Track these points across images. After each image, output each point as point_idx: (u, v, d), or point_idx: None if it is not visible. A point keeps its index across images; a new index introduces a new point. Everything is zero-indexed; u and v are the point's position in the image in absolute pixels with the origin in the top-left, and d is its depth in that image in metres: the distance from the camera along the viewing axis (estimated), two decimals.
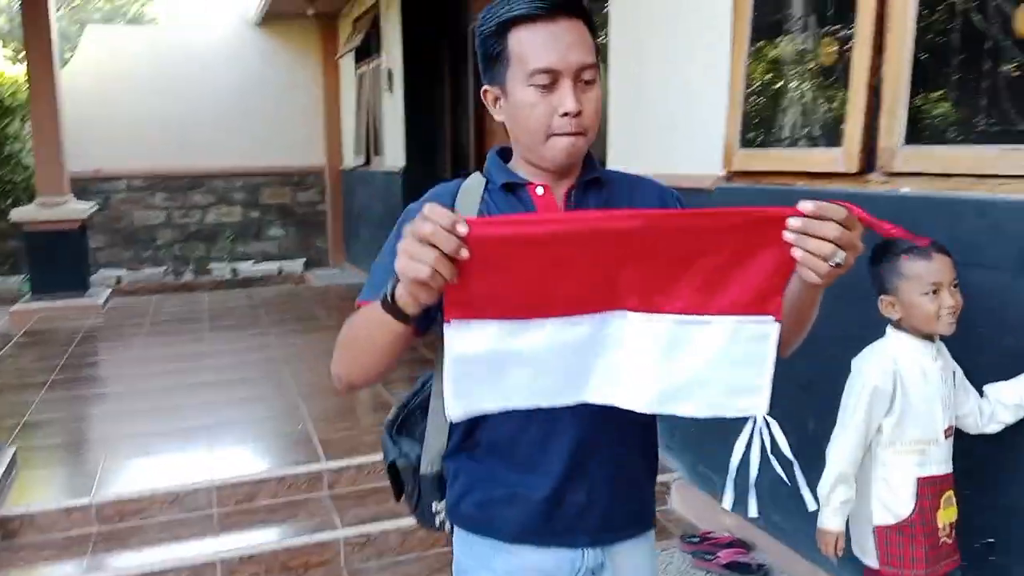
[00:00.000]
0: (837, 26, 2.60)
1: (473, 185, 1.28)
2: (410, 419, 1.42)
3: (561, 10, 1.16)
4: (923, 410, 1.88)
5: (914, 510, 1.87)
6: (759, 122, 2.98)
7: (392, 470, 1.41)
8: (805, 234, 0.95)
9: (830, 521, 1.93)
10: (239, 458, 3.60)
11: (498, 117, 1.25)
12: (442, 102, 7.21)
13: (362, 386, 1.25)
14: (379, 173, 8.13)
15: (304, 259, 10.05)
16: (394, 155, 7.62)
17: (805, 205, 0.95)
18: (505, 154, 1.33)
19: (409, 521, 3.09)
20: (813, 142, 2.73)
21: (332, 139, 10.10)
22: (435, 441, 1.33)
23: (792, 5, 2.83)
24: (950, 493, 1.91)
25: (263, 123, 9.74)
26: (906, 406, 1.88)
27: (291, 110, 9.88)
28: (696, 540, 2.93)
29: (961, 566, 1.95)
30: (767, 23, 2.92)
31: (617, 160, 3.88)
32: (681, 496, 3.36)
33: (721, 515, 3.05)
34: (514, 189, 1.27)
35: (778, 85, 2.90)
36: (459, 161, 6.99)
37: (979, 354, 2.03)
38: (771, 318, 1.03)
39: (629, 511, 1.35)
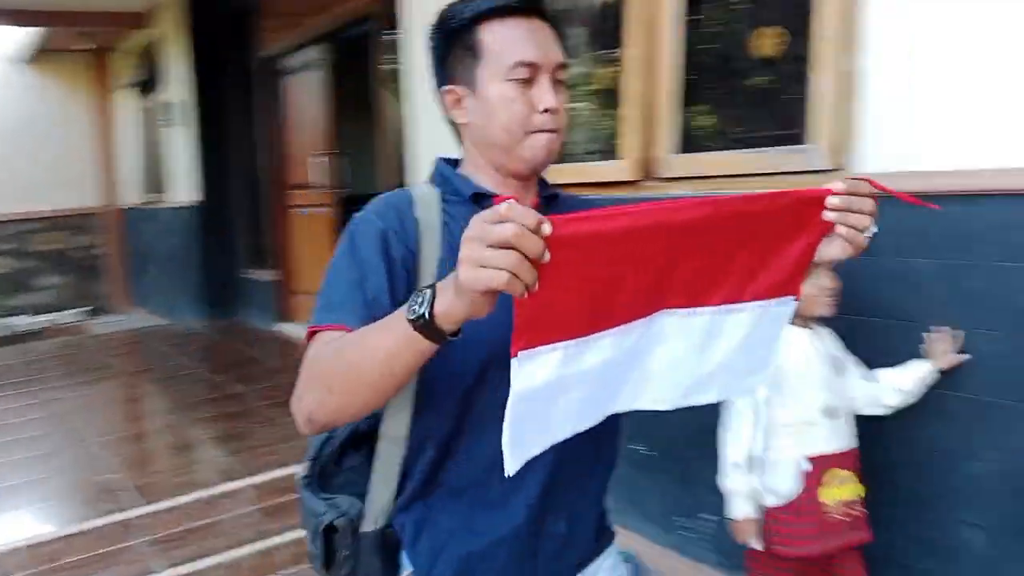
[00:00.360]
0: (614, 51, 2.93)
1: (427, 196, 1.16)
2: (326, 471, 1.22)
3: (535, 9, 1.14)
4: (802, 392, 1.94)
5: (798, 489, 1.92)
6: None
7: (328, 533, 1.16)
8: (848, 211, 0.97)
9: (739, 510, 1.98)
10: (42, 516, 3.32)
11: (460, 119, 1.17)
12: (233, 134, 7.05)
13: (343, 424, 1.08)
14: (167, 209, 7.75)
15: (85, 307, 9.32)
16: (185, 190, 7.32)
17: (838, 184, 0.97)
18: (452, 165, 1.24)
19: (236, 553, 3.06)
20: (599, 156, 3.03)
21: (109, 178, 9.49)
22: (382, 492, 1.15)
23: (574, 35, 3.13)
24: (845, 472, 1.95)
25: (31, 165, 8.97)
26: (787, 390, 1.93)
27: (62, 150, 9.18)
28: None
29: (870, 542, 1.99)
30: None
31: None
32: None
33: None
34: (479, 201, 1.15)
35: (567, 106, 3.18)
36: (256, 193, 6.84)
37: None
38: (792, 298, 1.03)
39: (602, 529, 1.28)
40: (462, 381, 1.06)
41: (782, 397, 1.95)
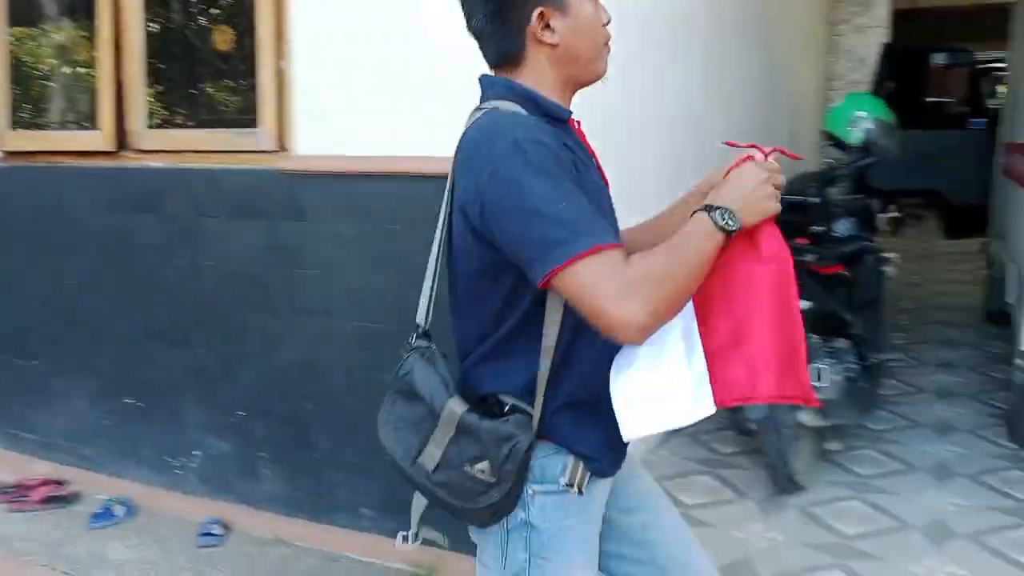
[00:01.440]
0: (87, 24, 3.09)
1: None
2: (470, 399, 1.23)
3: None
4: None
5: None
6: (31, 105, 3.28)
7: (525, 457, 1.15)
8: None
9: None
10: None
11: (551, 40, 1.20)
12: None
13: None
14: None
15: None
16: None
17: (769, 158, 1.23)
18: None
19: None
20: (78, 125, 3.19)
21: None
22: (537, 405, 1.20)
23: (50, 5, 3.21)
24: None
25: None
26: None
27: None
28: (9, 490, 3.15)
29: None
30: (27, 15, 3.24)
31: None
32: None
33: (33, 464, 3.32)
34: (563, 122, 1.25)
35: (45, 71, 3.26)
36: None
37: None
38: None
39: None
40: None
41: None
